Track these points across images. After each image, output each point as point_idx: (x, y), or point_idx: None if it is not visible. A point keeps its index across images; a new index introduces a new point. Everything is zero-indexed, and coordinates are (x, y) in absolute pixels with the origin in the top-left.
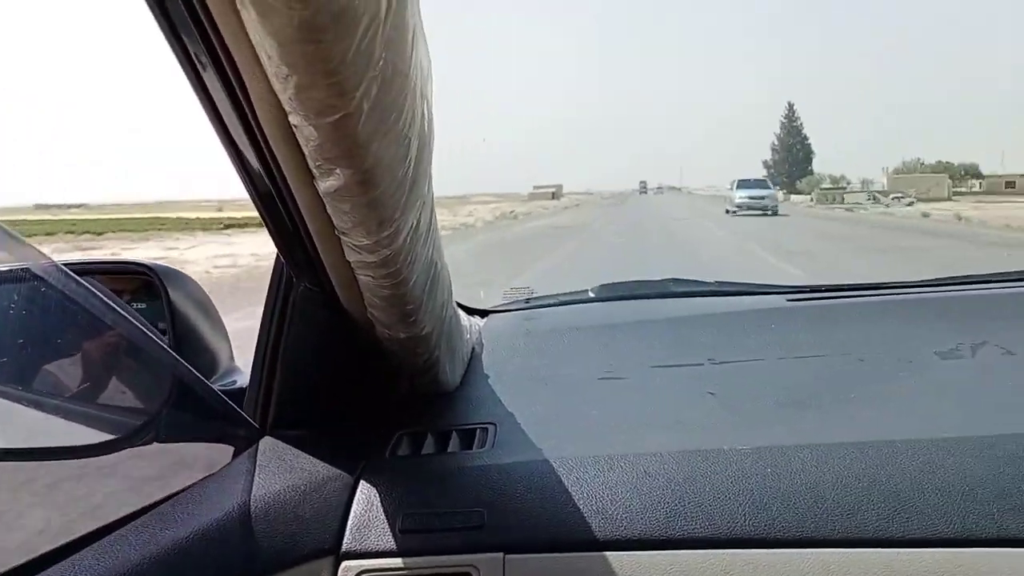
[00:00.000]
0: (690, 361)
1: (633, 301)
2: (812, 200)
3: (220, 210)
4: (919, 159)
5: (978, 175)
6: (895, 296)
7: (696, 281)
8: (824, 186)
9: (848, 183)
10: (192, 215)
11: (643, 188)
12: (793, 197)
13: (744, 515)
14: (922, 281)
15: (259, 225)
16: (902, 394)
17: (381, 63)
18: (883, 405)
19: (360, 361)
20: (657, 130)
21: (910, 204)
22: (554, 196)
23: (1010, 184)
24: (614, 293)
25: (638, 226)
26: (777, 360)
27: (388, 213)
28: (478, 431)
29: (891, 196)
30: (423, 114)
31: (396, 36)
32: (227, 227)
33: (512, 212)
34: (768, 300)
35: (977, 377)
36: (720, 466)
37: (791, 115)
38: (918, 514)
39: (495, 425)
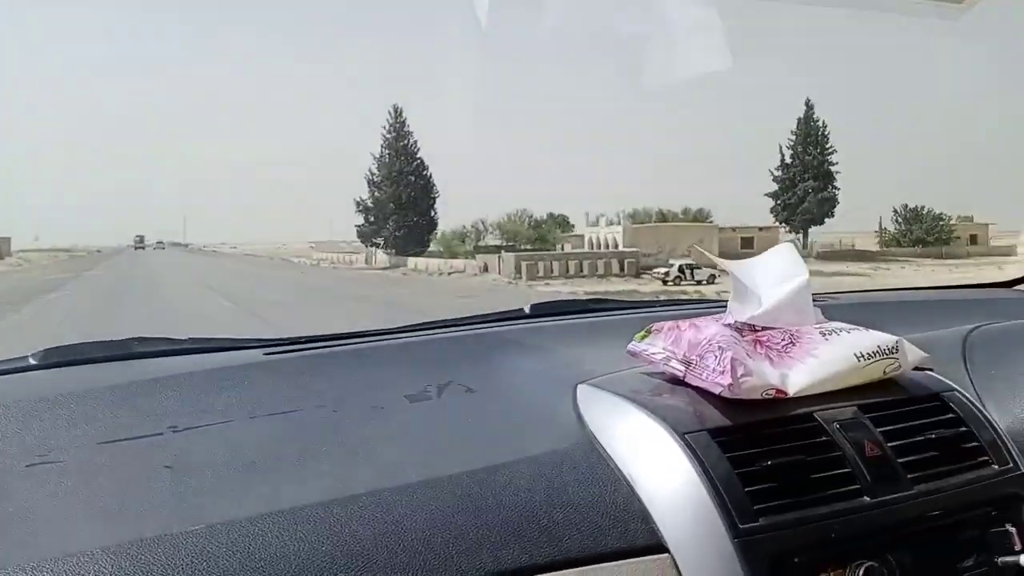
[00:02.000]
0: (147, 432)
1: (86, 366)
2: (505, 273)
3: None
4: (616, 214)
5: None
6: (371, 343)
7: (166, 339)
8: (483, 243)
9: (566, 230)
10: None
11: (140, 243)
12: (416, 261)
13: None
14: (397, 328)
15: None
16: (371, 442)
17: None
18: (353, 456)
19: None
20: (156, 174)
21: (712, 279)
22: None
23: (747, 241)
24: (61, 358)
25: None
26: (249, 420)
27: None
28: None
29: (685, 264)
30: None
31: None
32: None
33: None
34: (244, 355)
35: (441, 417)
36: (166, 555)
37: (399, 125)
38: (383, 571)
39: None
